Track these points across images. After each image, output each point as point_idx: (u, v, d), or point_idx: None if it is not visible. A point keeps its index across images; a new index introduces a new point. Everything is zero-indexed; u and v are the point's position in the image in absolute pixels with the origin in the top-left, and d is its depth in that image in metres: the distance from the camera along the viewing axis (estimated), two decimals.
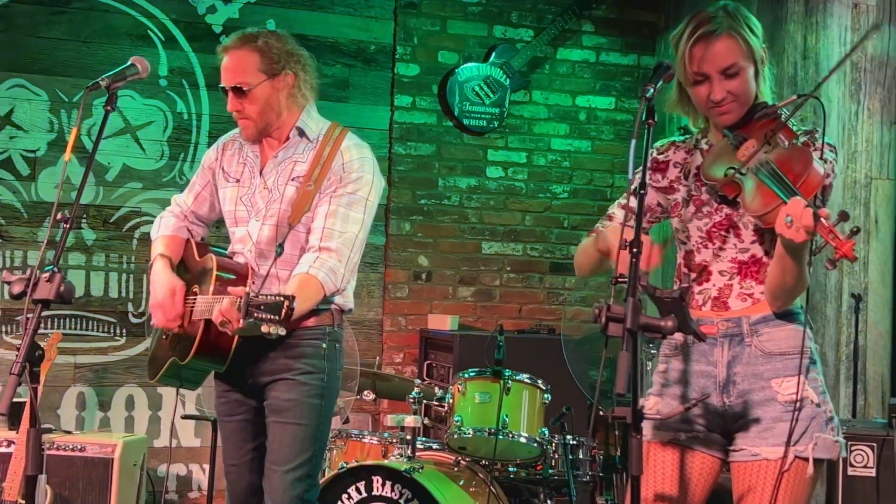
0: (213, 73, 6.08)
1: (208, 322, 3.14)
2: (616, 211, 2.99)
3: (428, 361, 6.29)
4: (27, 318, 2.54)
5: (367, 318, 6.45)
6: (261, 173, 3.40)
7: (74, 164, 5.79)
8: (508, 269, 6.74)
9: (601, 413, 2.33)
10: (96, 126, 5.85)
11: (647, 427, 2.80)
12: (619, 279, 2.34)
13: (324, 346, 3.36)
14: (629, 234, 2.37)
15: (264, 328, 2.87)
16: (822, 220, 2.34)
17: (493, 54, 6.62)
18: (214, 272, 3.28)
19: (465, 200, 6.65)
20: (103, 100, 2.83)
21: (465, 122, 6.58)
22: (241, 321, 2.88)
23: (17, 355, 2.50)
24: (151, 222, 3.78)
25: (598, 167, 6.90)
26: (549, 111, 6.82)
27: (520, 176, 6.76)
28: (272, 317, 2.84)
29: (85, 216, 5.88)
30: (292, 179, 3.34)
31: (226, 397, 3.46)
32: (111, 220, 5.97)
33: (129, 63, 2.99)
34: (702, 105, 2.77)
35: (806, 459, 2.69)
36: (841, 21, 6.07)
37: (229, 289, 3.05)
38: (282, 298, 2.85)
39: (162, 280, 3.36)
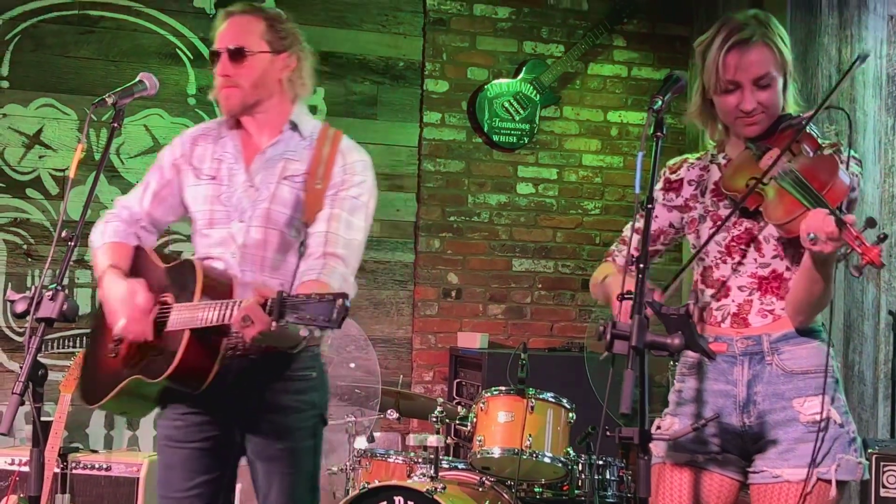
0: None
1: (195, 332, 2.78)
2: (628, 233, 2.94)
3: (458, 380, 6.23)
4: (30, 337, 2.51)
5: (396, 336, 6.41)
6: (246, 170, 3.06)
7: (104, 183, 5.82)
8: (539, 286, 6.68)
9: (608, 434, 2.25)
10: (126, 145, 5.92)
11: (661, 448, 2.73)
12: (626, 296, 2.27)
13: (314, 374, 3.06)
14: (630, 284, 2.29)
15: (312, 332, 2.60)
16: (847, 226, 2.27)
17: (523, 70, 6.58)
18: (200, 276, 2.87)
19: (495, 217, 6.59)
20: (133, 117, 2.85)
21: (495, 138, 6.53)
22: (274, 324, 2.54)
23: (19, 374, 2.45)
24: (179, 241, 3.53)
25: (629, 183, 6.81)
26: (580, 127, 6.76)
27: (550, 192, 6.70)
28: (321, 317, 2.48)
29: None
30: (284, 178, 3.01)
31: (184, 420, 3.03)
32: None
33: (137, 79, 2.96)
34: (729, 115, 2.70)
35: (829, 481, 2.61)
36: (876, 33, 5.97)
37: (255, 289, 2.67)
38: (331, 296, 2.48)
39: (117, 287, 2.91)
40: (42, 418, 4.02)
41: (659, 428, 2.80)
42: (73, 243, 2.66)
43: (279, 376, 2.99)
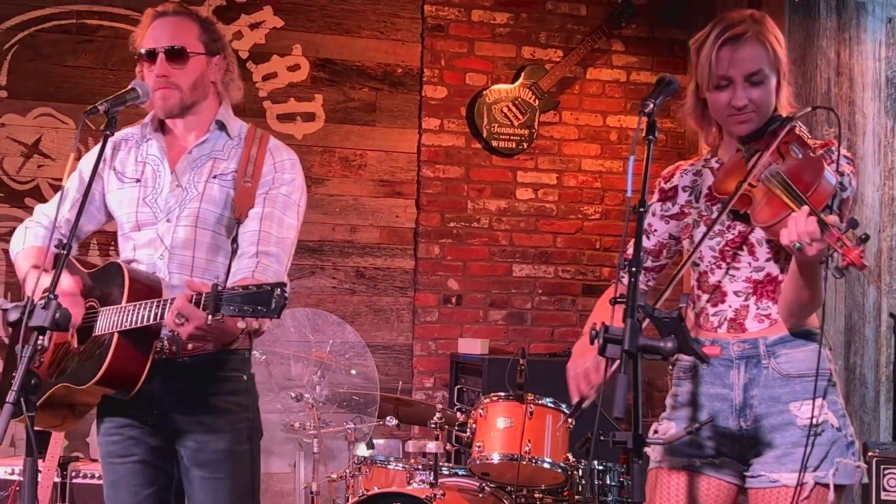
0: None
1: (124, 334, 2.74)
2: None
3: (459, 386, 6.22)
4: (23, 346, 2.50)
5: (396, 342, 6.40)
6: (172, 171, 3.03)
7: None
8: (540, 291, 6.66)
9: (602, 438, 2.25)
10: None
11: (657, 452, 2.73)
12: (619, 299, 2.26)
13: (245, 377, 3.02)
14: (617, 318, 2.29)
15: (250, 323, 2.54)
16: (830, 227, 2.27)
17: (522, 75, 6.57)
18: (127, 278, 2.81)
19: (495, 223, 6.59)
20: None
21: (494, 143, 6.53)
22: (209, 318, 2.50)
23: (12, 384, 2.44)
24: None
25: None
26: (580, 132, 6.75)
27: (550, 197, 6.69)
28: (260, 308, 2.45)
29: (113, 243, 5.86)
30: (213, 177, 2.99)
31: (120, 434, 2.97)
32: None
33: (129, 87, 2.95)
34: (721, 112, 2.69)
35: (827, 486, 2.60)
36: (875, 36, 5.97)
37: (186, 281, 2.71)
38: (269, 286, 2.47)
39: (42, 279, 2.74)
40: (41, 428, 4.00)
41: (656, 432, 2.79)
42: (66, 252, 2.64)
43: (210, 378, 2.96)
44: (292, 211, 3.01)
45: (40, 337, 2.52)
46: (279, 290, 2.46)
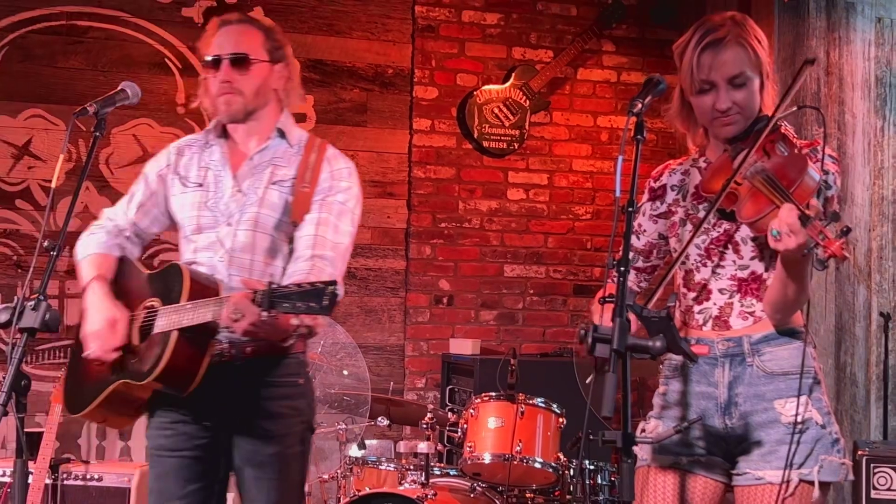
0: None
1: (183, 332, 2.82)
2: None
3: (451, 386, 6.23)
4: (13, 347, 2.51)
5: (388, 343, 6.40)
6: (233, 176, 3.11)
7: (93, 193, 5.84)
8: (531, 291, 6.67)
9: (591, 438, 2.25)
10: (115, 155, 5.92)
11: (646, 451, 2.74)
12: (607, 299, 2.27)
13: (301, 381, 3.10)
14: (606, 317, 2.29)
15: (303, 320, 2.63)
16: (810, 220, 2.28)
17: (513, 76, 6.58)
18: (188, 278, 2.90)
19: (486, 223, 6.59)
20: (121, 127, 2.86)
21: (485, 144, 6.53)
22: (264, 315, 2.60)
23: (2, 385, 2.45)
24: (170, 251, 3.54)
25: (621, 188, 6.80)
26: (570, 132, 6.76)
27: (541, 198, 6.70)
28: (312, 304, 2.53)
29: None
30: (273, 183, 3.07)
31: (173, 429, 3.05)
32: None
33: (119, 88, 2.96)
34: (705, 115, 2.71)
35: (811, 483, 2.61)
36: (864, 36, 5.99)
37: (242, 280, 2.78)
38: (321, 283, 2.55)
39: (100, 307, 2.97)
40: (33, 429, 4.00)
41: (644, 431, 2.80)
42: (55, 253, 2.64)
43: (266, 382, 3.02)
44: (347, 218, 3.07)
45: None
46: (331, 287, 2.54)
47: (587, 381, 2.40)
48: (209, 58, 3.10)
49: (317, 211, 3.03)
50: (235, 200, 3.08)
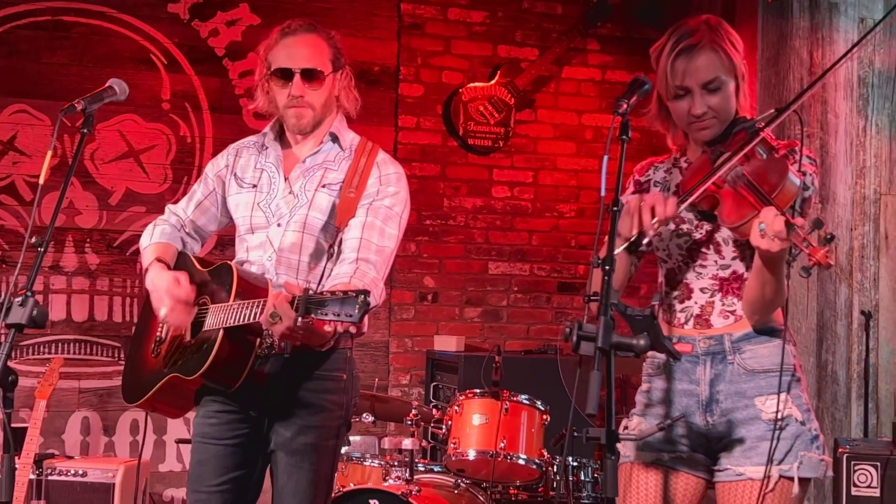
0: (215, 96, 6.10)
1: (228, 331, 2.91)
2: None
3: (435, 383, 6.25)
4: None
5: (373, 339, 6.41)
6: (286, 178, 3.20)
7: (78, 188, 5.84)
8: (515, 289, 6.70)
9: (575, 434, 2.28)
10: (100, 150, 5.92)
11: (629, 448, 2.76)
12: (592, 297, 2.30)
13: (344, 375, 3.15)
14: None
15: (336, 327, 2.65)
16: (795, 228, 2.31)
17: (498, 73, 6.60)
18: (236, 278, 3.00)
19: (471, 220, 6.61)
20: (107, 123, 2.87)
21: (470, 141, 6.56)
22: (299, 320, 2.65)
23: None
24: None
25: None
26: (555, 130, 6.79)
27: (526, 195, 6.72)
28: (347, 312, 2.58)
29: (88, 240, 5.89)
30: (323, 186, 3.14)
31: (217, 418, 3.14)
32: (115, 245, 5.97)
33: (106, 85, 2.96)
34: (682, 120, 2.75)
35: (791, 479, 2.65)
36: (847, 36, 6.01)
37: (285, 283, 2.86)
38: (353, 293, 2.59)
39: (162, 277, 3.09)
40: (17, 424, 3.99)
41: (627, 428, 2.83)
42: (43, 249, 2.65)
43: (311, 375, 3.10)
44: (394, 223, 3.13)
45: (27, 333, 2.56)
46: (363, 297, 2.58)
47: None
48: (278, 68, 3.14)
49: (364, 215, 3.09)
50: (286, 202, 3.16)
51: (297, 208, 3.14)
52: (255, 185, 3.23)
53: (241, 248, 3.24)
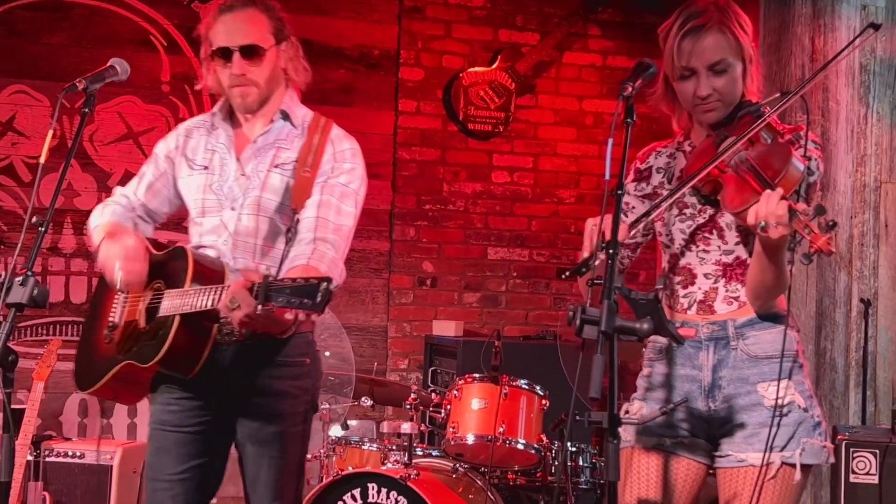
0: None
1: (185, 317, 2.82)
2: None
3: (433, 368, 6.25)
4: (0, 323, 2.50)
5: (371, 324, 6.41)
6: (238, 159, 3.09)
7: (77, 170, 5.83)
8: (514, 274, 6.69)
9: (577, 418, 2.27)
10: (99, 132, 5.90)
11: (630, 433, 2.76)
12: (595, 281, 2.29)
13: (308, 360, 3.09)
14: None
15: (297, 315, 2.58)
16: (797, 214, 2.30)
17: (499, 58, 6.58)
18: (191, 262, 2.90)
19: (471, 205, 6.60)
20: (106, 104, 2.86)
21: (471, 126, 6.54)
22: (259, 307, 2.56)
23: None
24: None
25: (605, 172, 6.81)
26: (556, 115, 6.77)
27: (526, 181, 6.71)
28: (306, 301, 2.51)
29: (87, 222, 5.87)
30: (275, 167, 3.04)
31: (178, 405, 3.04)
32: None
33: (108, 65, 2.94)
34: (687, 101, 2.73)
35: (793, 465, 2.64)
36: (849, 23, 5.99)
37: (242, 271, 2.77)
38: (315, 280, 2.52)
39: (110, 247, 2.93)
40: (15, 406, 3.98)
41: (627, 412, 2.82)
42: (43, 229, 2.64)
43: (274, 362, 3.03)
44: (350, 200, 3.05)
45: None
46: (325, 284, 2.51)
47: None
48: (217, 48, 3.04)
49: (319, 193, 3.00)
50: (239, 184, 3.07)
51: (250, 190, 3.05)
52: (206, 167, 3.12)
53: (195, 233, 3.13)
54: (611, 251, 2.30)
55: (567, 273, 2.49)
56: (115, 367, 2.97)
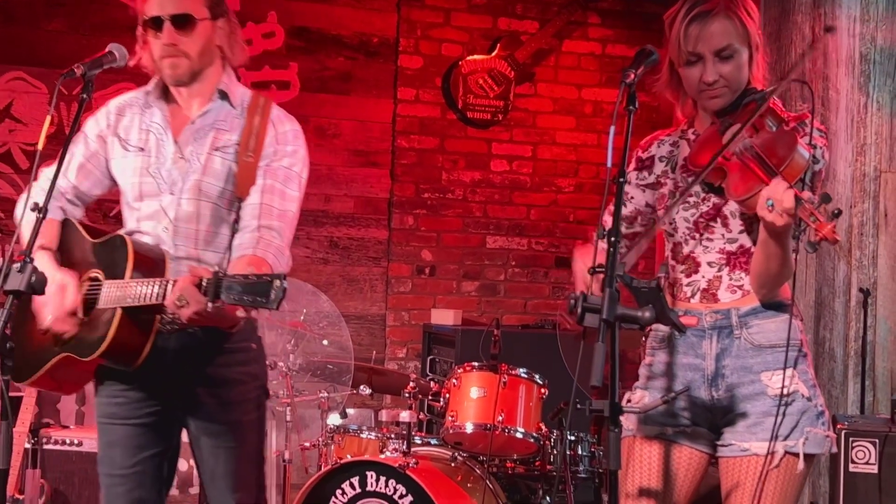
0: None
1: (126, 310, 2.73)
2: (607, 218, 2.95)
3: (431, 356, 6.24)
4: None
5: (369, 312, 6.40)
6: (175, 141, 2.97)
7: None
8: (513, 263, 6.68)
9: (578, 407, 2.26)
10: None
11: (632, 421, 2.75)
12: (598, 269, 2.28)
13: (254, 345, 3.02)
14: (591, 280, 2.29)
15: (248, 312, 2.56)
16: (803, 202, 2.29)
17: (498, 46, 6.56)
18: (132, 252, 2.80)
19: (469, 194, 6.59)
20: (103, 91, 2.81)
21: (469, 115, 6.52)
22: (209, 305, 2.51)
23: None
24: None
25: (604, 160, 6.68)
26: (555, 104, 6.75)
27: (525, 169, 6.70)
28: (259, 299, 2.45)
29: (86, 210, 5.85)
30: (216, 150, 2.94)
31: (124, 397, 2.96)
32: (111, 215, 5.91)
33: (106, 50, 2.92)
34: (693, 87, 2.71)
35: (797, 455, 2.63)
36: (849, 12, 5.97)
37: (190, 268, 2.67)
38: (269, 277, 2.46)
39: (48, 274, 2.69)
40: (13, 394, 3.96)
41: (629, 401, 2.81)
42: (42, 216, 2.61)
43: (220, 349, 2.96)
44: (294, 183, 2.98)
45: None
46: (279, 281, 2.46)
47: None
48: (149, 18, 2.96)
49: (262, 178, 2.92)
50: (178, 167, 2.96)
51: (190, 174, 2.94)
52: (142, 149, 2.99)
53: (132, 218, 3.01)
54: (612, 239, 2.29)
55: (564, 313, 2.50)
56: (53, 358, 2.87)
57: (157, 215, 2.95)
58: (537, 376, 4.48)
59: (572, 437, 4.59)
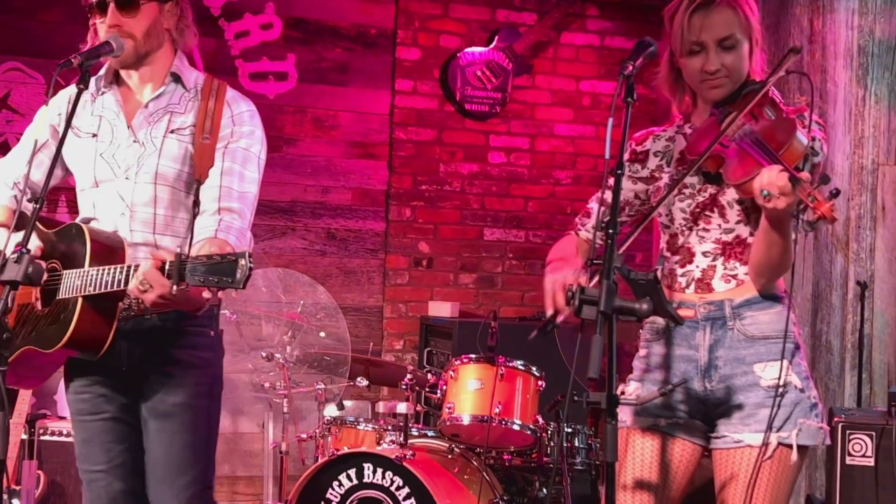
0: (211, 57, 6.03)
1: (88, 298, 2.72)
2: (593, 205, 2.97)
3: (428, 348, 6.23)
4: None
5: (367, 304, 6.39)
6: (129, 126, 2.95)
7: None
8: (510, 255, 6.68)
9: (575, 399, 2.26)
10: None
11: (626, 413, 2.75)
12: (595, 261, 2.28)
13: (212, 332, 3.00)
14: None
15: (214, 293, 2.52)
16: (801, 182, 2.29)
17: (496, 38, 6.55)
18: (90, 241, 2.78)
19: (467, 186, 6.58)
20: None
21: (467, 106, 6.51)
22: (173, 288, 2.49)
23: None
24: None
25: (601, 153, 6.80)
26: (553, 96, 6.74)
27: (522, 162, 6.69)
28: (225, 278, 2.44)
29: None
30: (171, 132, 2.93)
31: (90, 392, 2.96)
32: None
33: (103, 41, 2.91)
34: (694, 77, 2.72)
35: (790, 446, 2.64)
36: (848, 4, 5.97)
37: (152, 253, 2.66)
38: (233, 256, 2.45)
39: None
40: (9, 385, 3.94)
41: (623, 393, 2.82)
42: (38, 206, 2.61)
43: (177, 332, 2.94)
44: (253, 164, 2.97)
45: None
46: (243, 260, 2.45)
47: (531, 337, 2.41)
48: (94, 2, 2.97)
49: (220, 160, 2.91)
50: (133, 151, 2.94)
51: (146, 157, 2.92)
52: (95, 135, 2.98)
53: (87, 205, 2.99)
54: (610, 231, 2.29)
55: (533, 334, 2.50)
56: (14, 353, 2.82)
57: (114, 201, 2.94)
58: (534, 368, 4.49)
59: (569, 430, 4.60)
